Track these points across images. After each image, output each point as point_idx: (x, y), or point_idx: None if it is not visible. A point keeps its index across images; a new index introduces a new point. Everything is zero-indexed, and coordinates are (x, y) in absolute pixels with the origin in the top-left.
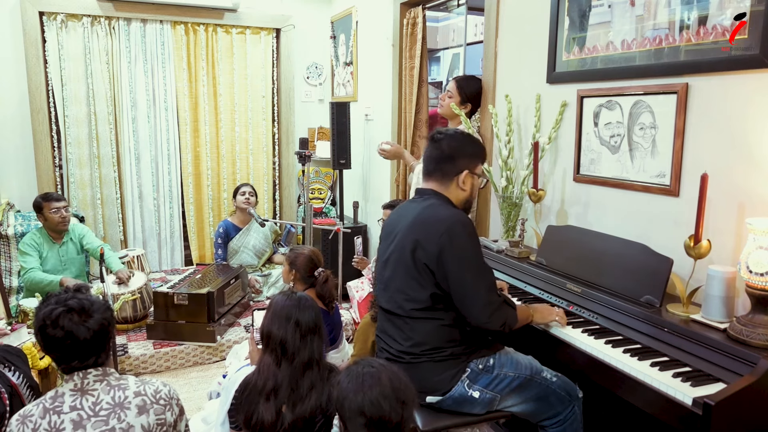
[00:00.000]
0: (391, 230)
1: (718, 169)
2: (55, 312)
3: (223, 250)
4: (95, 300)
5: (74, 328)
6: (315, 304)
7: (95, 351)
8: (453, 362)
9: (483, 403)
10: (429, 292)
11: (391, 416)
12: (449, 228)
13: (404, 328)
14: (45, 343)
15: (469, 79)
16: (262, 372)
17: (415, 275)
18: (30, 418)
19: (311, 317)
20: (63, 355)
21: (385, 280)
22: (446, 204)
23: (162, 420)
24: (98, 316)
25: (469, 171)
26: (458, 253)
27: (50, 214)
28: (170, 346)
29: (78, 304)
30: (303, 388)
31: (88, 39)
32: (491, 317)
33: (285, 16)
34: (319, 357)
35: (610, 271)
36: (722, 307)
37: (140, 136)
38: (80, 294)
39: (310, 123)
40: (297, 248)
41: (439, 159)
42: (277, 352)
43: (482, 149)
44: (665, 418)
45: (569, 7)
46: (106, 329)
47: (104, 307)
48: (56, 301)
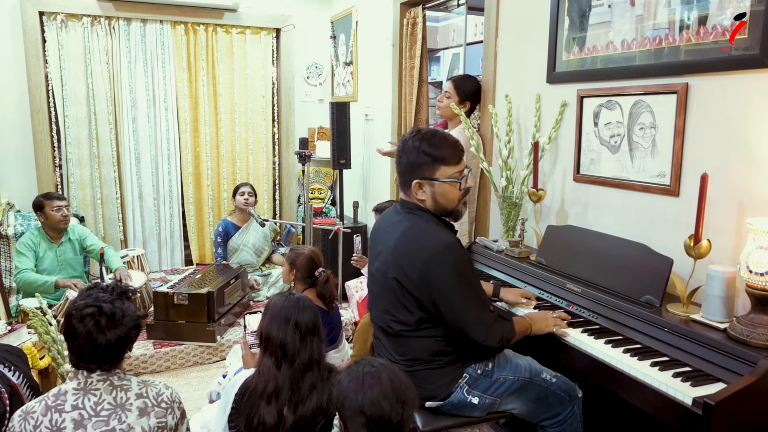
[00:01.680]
0: (376, 243)
1: (718, 169)
2: (86, 309)
3: (223, 249)
4: (129, 312)
5: (95, 331)
6: (313, 304)
7: (107, 359)
8: (450, 368)
9: (483, 408)
10: (416, 317)
11: (391, 416)
12: (433, 257)
13: (396, 344)
14: (66, 330)
15: (465, 78)
16: (263, 374)
17: (400, 299)
18: (32, 414)
19: (310, 318)
20: (77, 348)
21: (373, 295)
22: (430, 221)
23: (163, 423)
24: (123, 329)
25: (420, 179)
26: (444, 281)
27: (52, 212)
28: (170, 346)
29: (110, 310)
30: (304, 390)
31: (88, 39)
32: (487, 335)
33: (285, 16)
34: (319, 357)
35: (610, 271)
36: (722, 307)
37: (140, 136)
38: (119, 301)
39: (310, 123)
40: (297, 248)
41: (397, 168)
42: (277, 354)
43: (441, 147)
44: (665, 417)
45: (569, 7)
46: (125, 343)
47: (133, 322)
48: (95, 297)
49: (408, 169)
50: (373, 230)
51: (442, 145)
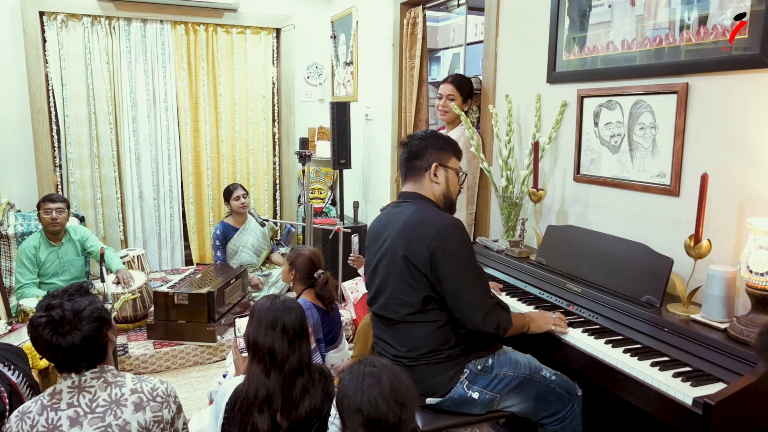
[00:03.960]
0: (379, 235)
1: (718, 169)
2: (39, 319)
3: (222, 252)
4: (83, 308)
5: (55, 339)
6: (299, 305)
7: (84, 358)
8: (450, 363)
9: (483, 404)
10: (422, 296)
11: (389, 417)
12: (440, 231)
13: (399, 333)
14: (35, 347)
15: (463, 77)
16: (252, 382)
17: (408, 279)
18: (28, 414)
19: (297, 320)
20: (49, 357)
21: (375, 286)
22: (433, 207)
23: (159, 417)
24: (85, 327)
25: (438, 163)
26: (450, 255)
27: (44, 214)
28: (170, 345)
29: (59, 315)
30: (296, 394)
31: (89, 39)
32: (485, 319)
33: (285, 16)
34: (308, 360)
35: (610, 271)
36: (722, 307)
37: (140, 136)
38: (69, 302)
39: (310, 123)
40: (298, 248)
41: (408, 158)
42: (266, 360)
43: (451, 143)
44: (665, 417)
45: (569, 6)
46: (95, 338)
47: (92, 317)
48: (45, 305)
49: (425, 152)
50: (372, 227)
51: (453, 142)
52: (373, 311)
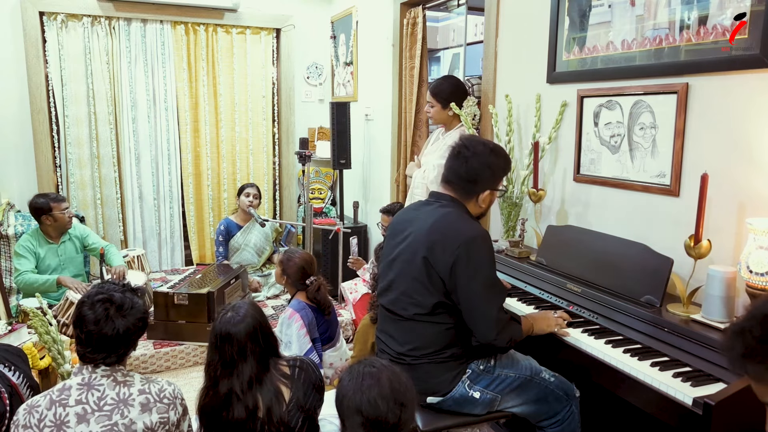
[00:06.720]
0: (401, 230)
1: (718, 169)
2: (98, 296)
3: (224, 248)
4: (137, 304)
5: (103, 318)
6: (253, 312)
7: (113, 349)
8: (453, 363)
9: (483, 404)
10: (435, 300)
11: (388, 417)
12: (468, 241)
13: (405, 330)
14: (76, 318)
15: (439, 83)
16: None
17: (424, 281)
18: (37, 408)
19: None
20: (84, 336)
21: (389, 280)
22: (465, 213)
23: (165, 419)
24: (131, 319)
25: (490, 190)
26: (473, 268)
27: (61, 214)
28: (170, 346)
29: (120, 299)
30: (265, 401)
31: (89, 39)
32: (498, 335)
33: (285, 16)
34: (266, 369)
35: (610, 271)
36: (722, 307)
37: (140, 136)
38: (130, 294)
39: (310, 123)
40: (291, 252)
41: (462, 177)
42: (221, 374)
43: (506, 165)
44: (665, 417)
45: (569, 6)
46: (130, 336)
47: (140, 314)
48: (107, 288)
49: (482, 178)
50: (396, 221)
51: (508, 160)
52: (381, 303)
